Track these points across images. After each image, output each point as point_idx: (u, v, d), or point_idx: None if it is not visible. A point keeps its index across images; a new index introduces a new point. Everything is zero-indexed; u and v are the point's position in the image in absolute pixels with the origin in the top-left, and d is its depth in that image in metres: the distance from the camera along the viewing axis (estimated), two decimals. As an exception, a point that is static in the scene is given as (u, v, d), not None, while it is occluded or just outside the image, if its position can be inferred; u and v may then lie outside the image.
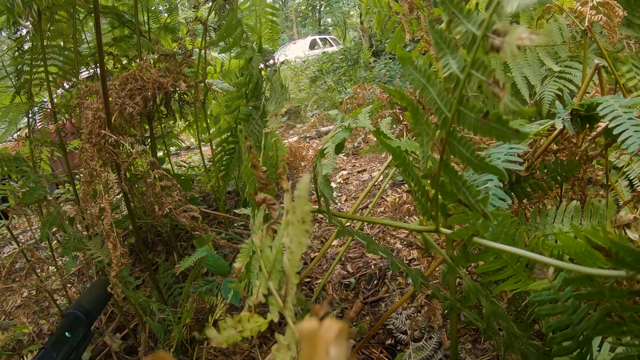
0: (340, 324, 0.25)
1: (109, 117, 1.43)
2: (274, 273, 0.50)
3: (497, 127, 0.45)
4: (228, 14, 1.92)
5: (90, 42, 2.36)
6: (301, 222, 0.41)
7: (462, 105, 0.49)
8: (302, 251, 0.41)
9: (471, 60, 0.46)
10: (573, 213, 0.91)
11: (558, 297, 0.63)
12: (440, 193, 0.60)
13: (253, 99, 1.84)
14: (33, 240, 3.45)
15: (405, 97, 0.58)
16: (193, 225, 1.43)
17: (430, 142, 0.56)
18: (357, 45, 9.65)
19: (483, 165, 0.51)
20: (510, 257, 0.66)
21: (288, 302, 0.43)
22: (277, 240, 0.51)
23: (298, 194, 0.40)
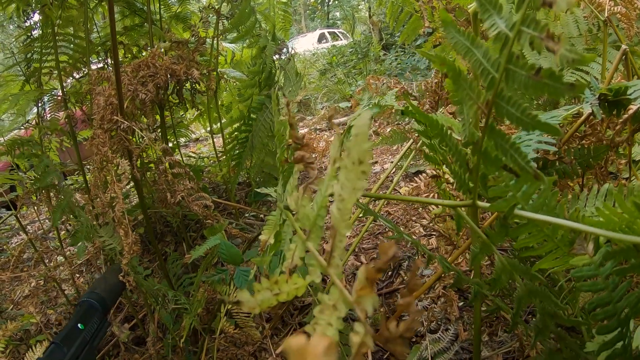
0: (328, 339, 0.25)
1: (122, 103, 1.41)
2: (314, 231, 0.47)
3: (550, 83, 0.44)
4: (241, 2, 1.90)
5: (100, 31, 2.34)
6: (357, 164, 0.39)
7: (512, 63, 0.48)
8: (357, 197, 0.39)
9: (521, 17, 0.45)
10: (606, 195, 0.88)
11: (598, 273, 0.61)
12: (482, 160, 0.58)
13: (266, 87, 1.82)
14: (41, 231, 3.45)
15: (446, 61, 0.56)
16: (205, 214, 1.41)
17: (475, 106, 0.54)
18: (367, 39, 9.63)
19: (535, 124, 0.49)
20: (551, 230, 0.63)
21: (335, 258, 0.40)
22: (319, 196, 0.48)
23: (356, 132, 0.38)
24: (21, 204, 1.77)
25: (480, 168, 0.59)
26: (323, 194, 0.47)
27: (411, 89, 2.25)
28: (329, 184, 0.46)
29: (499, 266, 0.70)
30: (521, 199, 0.61)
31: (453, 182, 1.10)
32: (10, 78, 2.28)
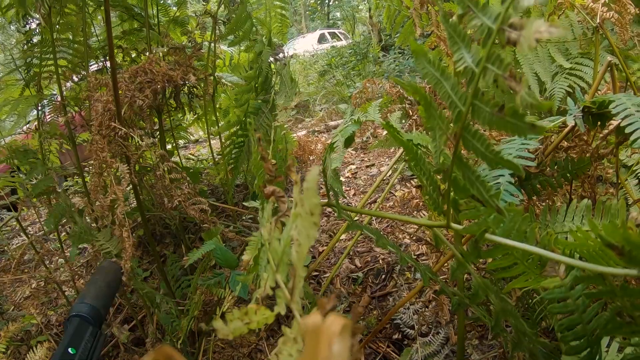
0: (344, 319, 0.25)
1: (119, 110, 1.43)
2: (281, 265, 0.49)
3: (512, 121, 0.45)
4: (238, 7, 1.92)
5: (99, 36, 2.36)
6: (309, 215, 0.40)
7: (477, 99, 0.49)
8: (310, 244, 0.41)
9: (486, 54, 0.46)
10: (584, 212, 0.90)
11: (569, 296, 0.63)
12: (452, 188, 0.60)
13: (262, 92, 1.84)
14: (42, 232, 3.47)
15: (418, 90, 0.57)
16: (202, 218, 1.44)
17: (444, 136, 0.56)
18: (366, 40, 9.62)
19: (498, 160, 0.50)
20: (521, 254, 0.65)
21: (295, 295, 0.43)
22: (285, 233, 0.50)
23: (307, 186, 0.40)
24: (22, 207, 1.79)
25: (451, 193, 0.61)
26: (288, 233, 0.49)
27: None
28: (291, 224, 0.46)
29: (476, 283, 0.72)
30: (491, 223, 0.62)
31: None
32: (11, 82, 2.30)
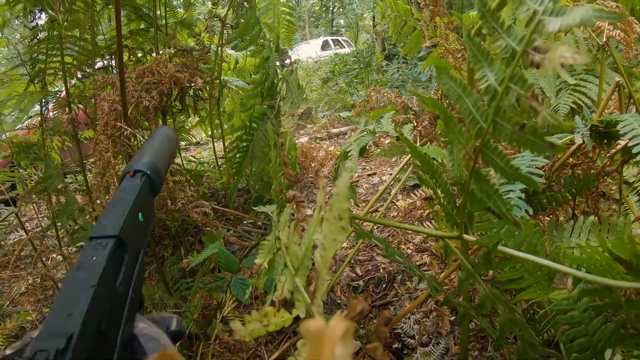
0: (347, 323, 0.25)
1: (126, 110, 1.43)
2: (301, 269, 0.50)
3: (533, 139, 0.46)
4: (246, 12, 1.93)
5: (106, 34, 2.36)
6: (338, 219, 0.41)
7: (499, 116, 0.50)
8: (337, 248, 0.41)
9: (510, 74, 0.47)
10: (590, 228, 0.92)
11: (576, 307, 0.64)
12: (468, 200, 0.60)
13: (268, 97, 1.85)
14: (39, 228, 3.46)
15: (438, 105, 0.58)
16: (204, 221, 1.43)
17: (463, 150, 0.56)
18: (370, 48, 9.63)
19: (517, 175, 0.51)
20: (532, 266, 0.67)
21: (317, 299, 0.43)
22: (306, 237, 0.51)
23: (337, 191, 0.40)
24: (21, 203, 1.79)
25: (467, 206, 0.62)
26: (309, 237, 0.49)
27: (411, 102, 2.28)
28: (314, 229, 0.48)
29: (484, 294, 0.73)
30: (504, 236, 0.63)
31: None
32: (15, 77, 2.30)
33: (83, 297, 0.42)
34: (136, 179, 0.68)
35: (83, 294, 0.42)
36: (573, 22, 0.42)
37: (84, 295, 0.42)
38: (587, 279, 0.58)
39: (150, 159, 0.72)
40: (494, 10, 0.49)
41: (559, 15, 0.44)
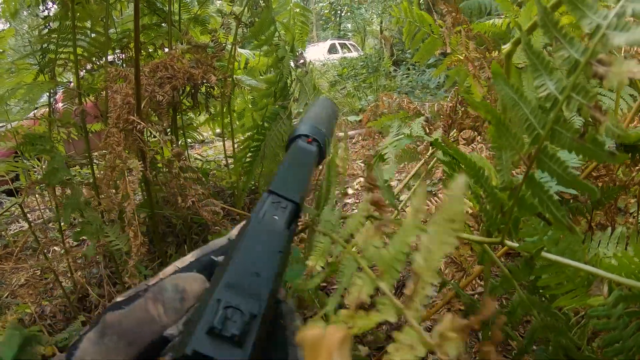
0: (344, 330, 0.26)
1: (139, 104, 1.41)
2: (388, 272, 0.49)
3: (592, 148, 0.47)
4: (262, 11, 1.91)
5: (117, 27, 2.34)
6: (450, 222, 0.41)
7: (559, 124, 0.50)
8: (446, 251, 0.41)
9: (572, 84, 0.48)
10: (619, 239, 0.92)
11: (611, 314, 0.66)
12: (517, 206, 0.61)
13: (281, 98, 1.83)
14: (41, 220, 3.44)
15: (491, 110, 0.58)
16: (214, 220, 1.41)
17: (516, 156, 0.57)
18: (378, 53, 9.66)
19: (575, 182, 0.52)
20: (573, 272, 0.68)
21: (415, 302, 0.42)
22: (396, 241, 0.50)
23: (453, 194, 0.40)
24: (26, 194, 1.77)
25: (514, 212, 0.61)
26: (403, 240, 0.49)
27: (423, 109, 2.26)
28: (409, 231, 0.48)
29: (517, 300, 0.73)
30: (547, 242, 0.65)
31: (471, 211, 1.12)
32: (24, 66, 2.28)
33: (271, 260, 0.41)
34: (313, 146, 0.67)
35: (271, 257, 0.42)
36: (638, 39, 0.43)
37: (271, 258, 0.42)
38: (626, 284, 0.60)
39: (324, 130, 0.72)
40: (557, 21, 0.50)
41: (623, 30, 0.44)
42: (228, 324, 0.33)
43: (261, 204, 0.49)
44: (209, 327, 0.33)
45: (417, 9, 2.01)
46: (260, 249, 0.42)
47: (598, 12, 0.47)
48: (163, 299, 0.41)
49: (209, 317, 0.33)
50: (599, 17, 0.46)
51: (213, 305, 0.34)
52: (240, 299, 0.35)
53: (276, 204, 0.50)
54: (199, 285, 0.43)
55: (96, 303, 2.17)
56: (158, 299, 0.41)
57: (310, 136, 0.68)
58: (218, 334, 0.32)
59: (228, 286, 0.36)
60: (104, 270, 2.26)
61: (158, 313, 0.40)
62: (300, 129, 0.70)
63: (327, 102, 0.89)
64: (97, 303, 2.17)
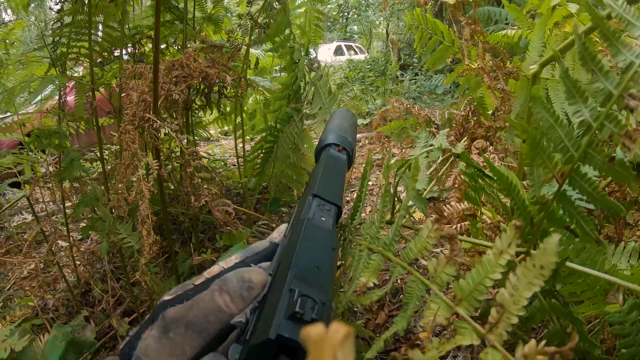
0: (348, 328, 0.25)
1: (156, 102, 1.41)
2: (467, 300, 0.54)
3: (620, 171, 0.53)
4: (277, 13, 1.92)
5: (130, 23, 2.34)
6: (539, 268, 0.46)
7: (592, 148, 0.56)
8: (531, 291, 0.45)
9: (605, 113, 0.54)
10: (631, 253, 0.98)
11: (626, 320, 0.71)
12: (547, 219, 0.66)
13: (294, 100, 1.84)
14: (44, 213, 3.45)
15: (527, 130, 0.63)
16: (226, 219, 1.42)
17: (550, 174, 0.63)
18: (386, 56, 9.66)
19: (604, 201, 0.58)
20: (593, 281, 0.73)
21: (499, 328, 0.47)
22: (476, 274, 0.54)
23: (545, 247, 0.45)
24: (33, 187, 1.77)
25: (543, 224, 0.66)
26: (483, 275, 0.53)
27: (434, 116, 2.27)
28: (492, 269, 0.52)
29: (536, 307, 0.78)
30: (571, 252, 0.71)
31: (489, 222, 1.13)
32: (35, 59, 2.29)
33: (328, 256, 0.46)
34: (343, 154, 0.75)
35: (327, 253, 0.47)
36: None
37: (328, 254, 0.47)
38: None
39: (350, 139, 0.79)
40: (595, 54, 0.55)
41: None
42: (306, 310, 0.36)
43: (309, 207, 0.54)
44: (290, 312, 0.36)
45: (430, 16, 2.01)
46: (317, 246, 0.47)
47: (632, 50, 0.53)
48: (228, 289, 0.43)
49: (287, 304, 0.37)
50: (632, 55, 0.52)
51: (287, 294, 0.38)
52: (311, 289, 0.39)
53: (321, 207, 0.55)
54: (262, 277, 0.45)
55: (99, 298, 2.18)
56: (224, 289, 0.43)
57: (340, 145, 0.74)
58: (300, 318, 0.35)
59: (297, 278, 0.40)
60: (108, 266, 2.26)
61: (225, 302, 0.43)
62: (329, 138, 0.76)
63: (349, 114, 0.96)
64: (100, 298, 2.17)
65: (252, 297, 0.43)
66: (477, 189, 0.86)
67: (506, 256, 0.51)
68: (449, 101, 6.24)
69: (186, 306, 0.43)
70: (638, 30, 0.56)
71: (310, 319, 0.36)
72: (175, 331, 0.41)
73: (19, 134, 2.07)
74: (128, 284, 2.02)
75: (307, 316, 0.36)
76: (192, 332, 0.41)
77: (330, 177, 0.65)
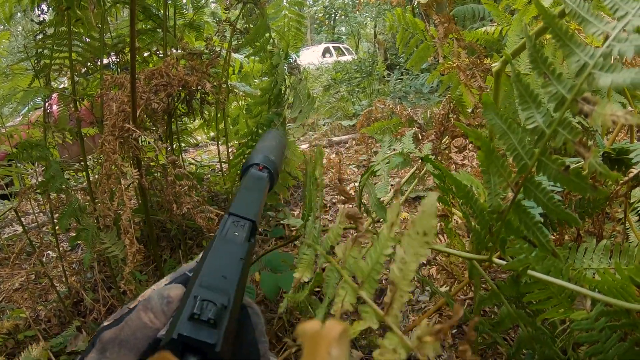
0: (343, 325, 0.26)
1: (135, 112, 1.42)
2: (368, 282, 0.53)
3: (576, 180, 0.50)
4: (256, 18, 1.93)
5: (112, 32, 2.35)
6: (422, 235, 0.44)
7: (545, 156, 0.54)
8: (419, 262, 0.45)
9: (559, 119, 0.52)
10: (602, 251, 0.96)
11: (594, 327, 0.69)
12: (504, 228, 0.64)
13: (275, 105, 1.84)
14: (35, 224, 3.44)
15: (481, 138, 0.62)
16: (209, 226, 1.43)
17: (504, 183, 0.61)
18: (372, 57, 9.66)
19: (559, 212, 0.56)
20: (557, 289, 0.71)
21: (394, 309, 0.46)
22: (374, 252, 0.53)
23: (424, 209, 0.44)
24: (21, 199, 1.77)
25: (502, 232, 0.65)
26: (379, 252, 0.52)
27: (416, 115, 2.28)
28: (385, 243, 0.51)
29: (505, 312, 0.77)
30: (533, 261, 0.68)
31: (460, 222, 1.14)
32: (19, 70, 2.29)
33: (235, 266, 0.50)
34: (264, 172, 0.80)
35: (234, 263, 0.50)
36: (623, 83, 0.45)
37: (235, 264, 0.50)
38: (606, 301, 0.64)
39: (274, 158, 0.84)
40: (546, 57, 0.53)
41: (609, 71, 0.47)
42: (205, 311, 0.41)
43: (223, 224, 0.59)
44: (189, 314, 0.41)
45: (410, 15, 2.03)
46: (225, 257, 0.51)
47: (585, 50, 0.50)
48: (151, 306, 0.48)
49: (189, 308, 0.41)
50: (586, 56, 0.50)
51: (191, 300, 0.42)
52: (213, 294, 0.43)
53: (236, 223, 0.59)
54: (180, 291, 0.49)
55: (91, 307, 2.18)
56: (147, 307, 0.48)
57: (261, 164, 0.80)
58: (197, 319, 0.40)
59: (201, 286, 0.45)
60: (99, 275, 2.27)
61: (149, 318, 0.47)
62: (253, 159, 0.82)
63: (277, 133, 1.04)
64: (91, 307, 2.17)
65: (172, 310, 0.48)
66: (445, 190, 0.87)
67: (395, 228, 0.50)
68: (435, 100, 6.25)
69: (119, 327, 0.47)
70: (594, 27, 0.53)
71: (207, 319, 0.40)
72: (110, 351, 0.45)
73: (7, 145, 2.07)
74: (119, 292, 2.03)
75: (204, 316, 0.41)
76: (125, 350, 0.45)
77: (247, 195, 0.69)
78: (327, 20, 23.37)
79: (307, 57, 14.38)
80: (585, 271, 0.93)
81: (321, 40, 21.62)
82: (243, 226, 0.59)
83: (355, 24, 18.57)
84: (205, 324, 0.40)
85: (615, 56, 0.48)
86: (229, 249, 0.53)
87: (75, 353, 1.89)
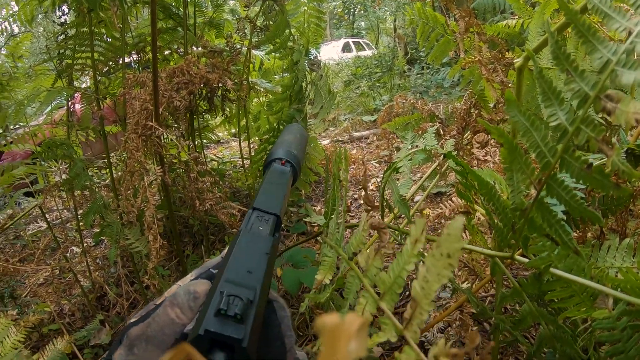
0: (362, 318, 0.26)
1: (157, 110, 1.44)
2: (389, 295, 0.53)
3: (599, 178, 0.49)
4: (276, 15, 1.93)
5: (133, 31, 2.37)
6: (446, 257, 0.43)
7: (568, 154, 0.53)
8: (441, 283, 0.44)
9: (582, 116, 0.50)
10: (626, 249, 0.94)
11: (616, 326, 0.68)
12: (527, 226, 0.63)
13: (296, 101, 1.85)
14: (59, 220, 3.49)
15: (504, 135, 0.61)
16: (231, 222, 1.44)
17: (527, 180, 0.60)
18: (392, 52, 9.60)
19: (581, 210, 0.55)
20: (579, 287, 0.70)
21: (413, 325, 0.46)
22: (396, 266, 0.53)
23: (450, 232, 0.43)
24: (45, 196, 1.80)
25: (524, 230, 0.64)
26: (402, 267, 0.52)
27: (437, 110, 2.27)
28: (408, 260, 0.51)
29: (527, 310, 0.76)
30: (556, 259, 0.68)
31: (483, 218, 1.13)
32: (42, 71, 2.32)
33: (260, 260, 0.50)
34: (287, 166, 0.80)
35: (260, 258, 0.50)
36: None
37: (260, 259, 0.50)
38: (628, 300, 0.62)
39: (296, 152, 0.84)
40: (568, 54, 0.52)
41: (632, 68, 0.46)
42: (231, 307, 0.41)
43: (247, 219, 0.59)
44: (215, 310, 0.41)
45: (430, 9, 2.02)
46: (250, 252, 0.51)
47: (608, 46, 0.49)
48: (178, 302, 0.48)
49: (215, 304, 0.42)
50: (609, 52, 0.48)
51: (217, 295, 0.43)
52: (239, 290, 0.44)
53: (260, 217, 0.59)
54: (206, 286, 0.50)
55: (114, 302, 2.21)
56: (174, 303, 0.48)
57: (284, 159, 0.80)
58: (224, 314, 0.40)
59: (227, 281, 0.45)
60: (122, 270, 2.30)
61: (176, 314, 0.47)
62: (275, 153, 0.82)
63: (297, 127, 1.06)
64: (114, 302, 2.21)
65: (199, 306, 0.48)
66: (468, 187, 0.86)
67: (419, 245, 0.50)
68: (457, 94, 6.20)
69: (146, 323, 0.47)
70: (616, 22, 0.51)
71: (234, 314, 0.40)
72: (138, 347, 0.46)
73: (31, 144, 2.11)
74: (142, 287, 2.05)
75: (230, 312, 0.41)
76: (152, 346, 0.46)
77: (270, 190, 0.69)
78: (346, 15, 23.30)
79: (326, 52, 14.33)
80: (607, 270, 0.91)
81: (340, 36, 21.54)
82: (267, 221, 0.59)
83: (374, 19, 18.48)
84: (231, 319, 0.41)
85: (638, 53, 0.46)
86: (254, 244, 0.52)
87: (99, 346, 1.92)
